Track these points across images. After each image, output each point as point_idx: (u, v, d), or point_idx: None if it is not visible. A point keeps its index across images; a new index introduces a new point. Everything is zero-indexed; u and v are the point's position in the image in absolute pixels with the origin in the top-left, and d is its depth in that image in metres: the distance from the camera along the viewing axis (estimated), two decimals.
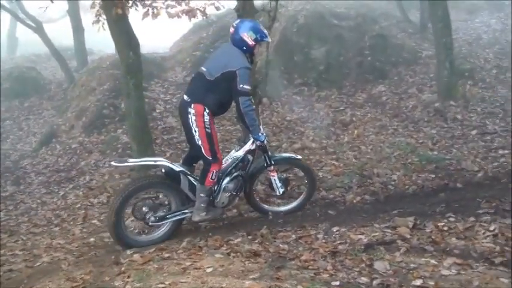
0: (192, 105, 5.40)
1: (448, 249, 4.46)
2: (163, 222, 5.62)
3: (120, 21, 7.72)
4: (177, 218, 5.68)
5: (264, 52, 8.79)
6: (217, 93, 5.43)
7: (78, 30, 16.46)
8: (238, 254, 4.65)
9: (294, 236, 5.19)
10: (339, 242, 4.80)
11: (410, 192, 7.16)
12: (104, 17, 8.53)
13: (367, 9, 15.39)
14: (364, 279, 3.89)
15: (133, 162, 5.86)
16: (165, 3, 8.23)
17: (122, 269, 4.52)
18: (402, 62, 13.23)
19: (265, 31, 5.67)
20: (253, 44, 5.55)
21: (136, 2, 8.17)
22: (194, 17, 8.38)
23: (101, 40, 17.27)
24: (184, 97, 5.56)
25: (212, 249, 4.85)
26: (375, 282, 3.83)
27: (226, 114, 6.79)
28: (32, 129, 13.35)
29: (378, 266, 4.12)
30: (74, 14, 16.44)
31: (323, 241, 4.92)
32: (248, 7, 7.84)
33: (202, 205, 5.59)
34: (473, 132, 9.44)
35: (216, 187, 5.75)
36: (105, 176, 9.03)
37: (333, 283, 3.83)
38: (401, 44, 13.90)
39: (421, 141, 9.27)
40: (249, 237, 5.28)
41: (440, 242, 4.64)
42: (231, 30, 5.59)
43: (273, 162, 6.05)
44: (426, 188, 7.18)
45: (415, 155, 8.42)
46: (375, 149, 8.92)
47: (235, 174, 5.88)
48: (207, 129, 5.40)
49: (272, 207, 6.51)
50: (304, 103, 11.26)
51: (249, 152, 5.91)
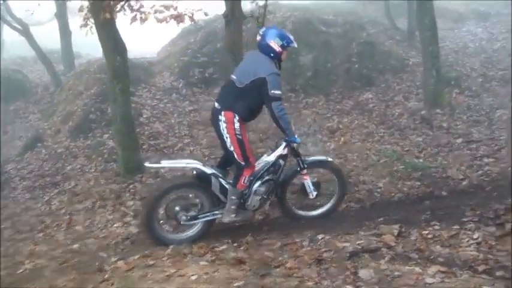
0: (222, 113, 5.57)
1: (432, 257, 4.47)
2: (194, 222, 5.82)
3: (107, 25, 7.71)
4: (208, 218, 5.87)
5: None
6: (247, 100, 5.57)
7: (65, 33, 16.43)
8: (223, 261, 4.65)
9: (279, 243, 5.19)
10: (324, 250, 4.79)
11: (396, 199, 7.17)
12: (92, 20, 8.52)
13: (355, 16, 15.50)
14: (348, 287, 3.90)
15: (166, 164, 6.16)
16: (153, 9, 8.20)
17: (106, 276, 4.51)
18: (389, 69, 13.31)
19: (291, 37, 5.79)
20: (281, 51, 5.65)
21: (125, 7, 8.15)
22: (182, 22, 8.36)
23: (88, 43, 17.21)
24: (215, 104, 5.73)
25: (197, 257, 4.84)
26: None
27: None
28: (18, 133, 13.21)
29: (363, 274, 4.11)
30: (61, 17, 16.37)
31: (308, 248, 4.92)
32: (237, 13, 7.85)
33: (233, 207, 5.76)
34: (459, 140, 9.50)
35: (247, 190, 5.88)
36: (90, 182, 8.95)
37: None
38: (388, 52, 13.98)
39: (407, 148, 9.31)
40: (234, 245, 5.29)
41: (425, 250, 4.64)
42: (258, 38, 5.71)
43: (306, 166, 6.16)
44: (411, 196, 7.21)
45: (401, 162, 8.46)
46: (361, 156, 8.93)
47: (266, 178, 5.98)
48: (238, 136, 5.55)
49: (305, 212, 6.59)
50: (291, 110, 11.25)
51: (281, 157, 6.03)
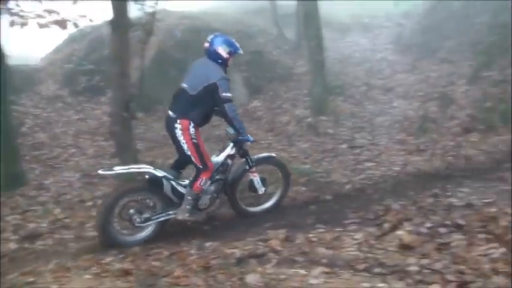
0: (178, 121, 5.84)
1: (316, 259, 4.59)
2: (148, 223, 5.96)
3: None
4: (161, 219, 6.03)
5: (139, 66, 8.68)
6: (201, 106, 5.87)
7: None
8: (109, 273, 4.54)
9: (167, 253, 5.17)
10: (212, 257, 4.81)
11: (283, 205, 7.30)
12: None
13: (244, 25, 15.68)
14: None
15: (119, 170, 5.98)
16: (35, 13, 7.92)
17: None
18: (277, 78, 13.58)
19: (237, 44, 6.14)
20: (228, 57, 6.00)
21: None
22: (65, 28, 8.14)
23: None
24: (170, 113, 5.98)
25: (81, 270, 4.69)
26: None
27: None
28: None
29: (250, 279, 4.15)
30: None
31: (196, 256, 4.92)
32: (123, 20, 7.74)
33: (188, 207, 6.01)
34: (343, 146, 9.85)
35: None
36: None
37: None
38: (276, 61, 14.27)
39: (294, 155, 9.53)
40: (121, 256, 5.21)
41: (310, 253, 4.77)
42: (206, 45, 6.00)
43: (254, 164, 6.58)
44: (298, 201, 7.36)
45: (288, 168, 8.62)
46: None
47: (216, 178, 6.30)
48: (194, 141, 5.86)
49: (255, 208, 6.94)
50: None
51: (229, 157, 6.42)
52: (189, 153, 5.90)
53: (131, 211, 5.88)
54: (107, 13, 8.39)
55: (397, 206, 6.31)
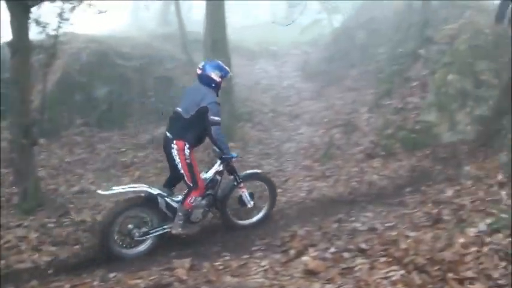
0: (174, 142, 6.35)
1: (222, 287, 4.56)
2: (146, 237, 6.44)
3: None
4: (158, 233, 6.51)
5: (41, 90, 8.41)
6: (195, 128, 6.39)
7: None
8: None
9: (67, 286, 4.98)
10: None
11: (189, 234, 7.23)
12: None
13: (153, 50, 15.53)
14: None
15: (117, 190, 6.42)
16: None
17: None
18: None
19: (227, 68, 6.81)
20: (220, 81, 6.65)
21: None
22: None
23: None
24: (167, 134, 6.54)
25: None
26: None
27: None
28: None
29: None
30: None
31: None
32: (24, 42, 7.50)
33: (180, 222, 6.48)
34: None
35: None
36: None
37: None
38: (185, 87, 14.14)
39: None
40: None
41: (216, 281, 4.73)
42: (198, 71, 6.57)
43: (241, 180, 7.06)
44: (204, 229, 7.30)
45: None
46: None
47: (206, 193, 6.79)
48: (187, 161, 6.34)
49: (244, 221, 7.38)
50: (84, 144, 10.92)
51: (217, 173, 6.94)
52: (182, 171, 6.38)
53: (130, 226, 6.35)
54: (8, 34, 8.09)
55: (302, 232, 6.41)
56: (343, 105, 13.23)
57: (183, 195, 6.58)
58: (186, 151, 6.33)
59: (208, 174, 6.91)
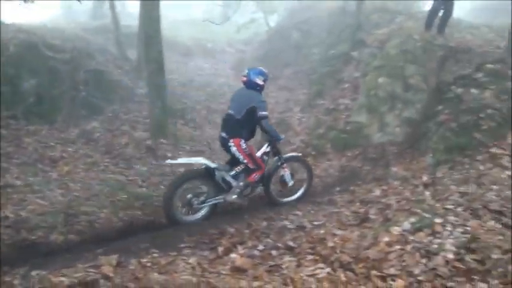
0: (230, 140, 7.34)
1: (149, 284, 4.49)
2: (203, 206, 7.39)
3: None
4: (214, 202, 7.43)
5: None
6: (246, 125, 7.36)
7: None
8: None
9: None
10: (38, 287, 4.53)
11: (117, 229, 7.10)
12: None
13: (84, 43, 15.19)
14: None
15: (182, 160, 7.81)
16: None
17: None
18: (117, 99, 13.21)
19: (267, 72, 7.85)
20: (263, 84, 7.68)
21: None
22: None
23: None
24: (223, 134, 7.55)
25: None
26: None
27: None
28: None
29: None
30: None
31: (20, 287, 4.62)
32: None
33: (238, 190, 7.44)
34: (181, 169, 9.79)
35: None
36: None
37: None
38: (117, 81, 13.91)
39: (131, 178, 9.29)
40: None
41: (143, 278, 4.65)
42: (243, 78, 7.56)
43: (284, 161, 8.09)
44: (132, 225, 7.20)
45: (124, 192, 8.41)
46: (84, 186, 8.61)
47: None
48: (246, 152, 7.35)
49: (285, 198, 8.25)
50: (10, 137, 10.51)
51: (265, 154, 7.92)
52: (245, 161, 7.38)
53: (189, 196, 7.28)
54: None
55: (231, 230, 6.40)
56: (277, 104, 13.33)
57: (249, 171, 7.51)
58: (243, 145, 7.31)
59: (257, 155, 7.71)
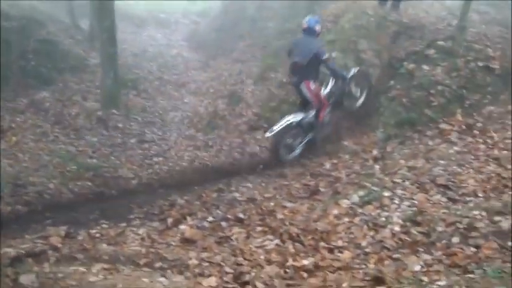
0: (302, 83, 8.36)
1: (97, 255, 4.47)
2: (299, 145, 8.78)
3: None
4: (306, 140, 8.81)
5: None
6: (312, 69, 8.31)
7: None
8: None
9: None
10: None
11: (66, 200, 7.03)
12: None
13: (34, 11, 14.75)
14: None
15: (278, 126, 8.28)
16: None
17: None
18: (69, 69, 12.89)
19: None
20: (320, 30, 8.58)
21: None
22: None
23: None
24: (294, 78, 8.51)
25: None
26: None
27: None
28: None
29: (24, 279, 3.89)
30: None
31: None
32: None
33: (319, 128, 8.79)
34: (132, 140, 9.74)
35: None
36: None
37: None
38: (68, 51, 13.56)
39: (81, 149, 9.16)
40: None
41: (91, 249, 4.63)
42: (304, 25, 8.39)
43: (349, 81, 8.93)
44: (82, 196, 7.14)
45: (74, 162, 8.32)
46: (33, 157, 8.46)
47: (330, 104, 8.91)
48: (314, 91, 8.41)
49: (354, 103, 9.31)
50: None
51: (331, 91, 8.93)
52: (311, 100, 8.49)
53: (289, 140, 8.60)
54: None
55: (181, 201, 6.42)
56: (230, 77, 13.26)
57: (315, 113, 8.63)
58: (312, 86, 8.34)
59: (326, 90, 8.87)
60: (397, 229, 4.84)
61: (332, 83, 8.90)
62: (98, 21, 11.76)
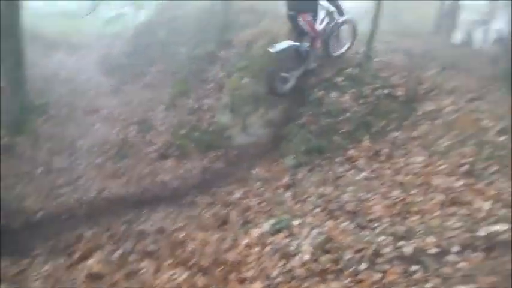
0: (299, 16, 8.96)
1: None
2: (293, 78, 9.38)
3: None
4: (300, 72, 9.47)
5: None
6: (310, 3, 9.07)
7: None
8: None
9: None
10: None
11: None
12: None
13: None
14: None
15: (281, 45, 8.94)
16: None
17: None
18: None
19: None
20: None
21: None
22: None
23: None
24: (291, 13, 9.12)
25: None
26: None
27: None
28: None
29: None
30: None
31: None
32: None
33: (312, 58, 9.51)
34: (40, 169, 9.41)
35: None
36: None
37: None
38: None
39: None
40: None
41: None
42: None
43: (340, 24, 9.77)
44: None
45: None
46: None
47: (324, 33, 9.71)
48: (310, 23, 9.04)
49: (336, 52, 10.10)
50: None
51: (325, 26, 9.67)
52: (308, 30, 9.09)
53: (283, 74, 9.21)
54: None
55: (89, 234, 6.27)
56: (141, 103, 13.11)
57: (311, 43, 9.33)
58: (309, 17, 8.97)
59: (320, 27, 9.44)
60: (307, 257, 4.93)
61: (326, 21, 9.69)
62: (2, 45, 11.30)
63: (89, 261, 5.27)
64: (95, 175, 9.35)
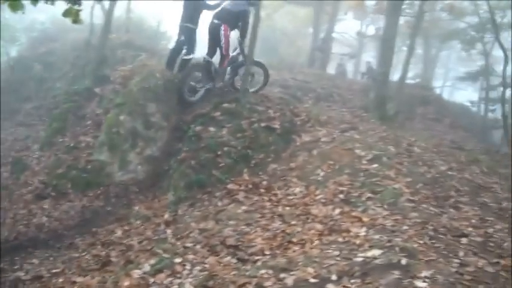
0: (221, 26, 9.92)
1: None
2: (201, 89, 10.45)
3: None
4: (207, 87, 10.44)
5: None
6: (236, 20, 10.06)
7: None
8: None
9: None
10: None
11: None
12: None
13: None
14: None
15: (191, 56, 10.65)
16: None
17: None
18: None
19: None
20: None
21: None
22: None
23: None
24: (215, 21, 10.01)
25: None
26: None
27: None
28: None
29: None
30: None
31: None
32: None
33: (221, 74, 10.56)
34: None
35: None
36: None
37: None
38: None
39: None
40: None
41: None
42: None
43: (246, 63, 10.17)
44: None
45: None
46: None
47: (232, 65, 10.72)
48: (227, 38, 10.00)
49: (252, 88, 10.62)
50: None
51: (237, 54, 10.60)
52: (223, 44, 9.98)
53: (192, 83, 10.27)
54: None
55: None
56: (14, 142, 12.60)
57: (220, 61, 10.33)
58: (229, 32, 9.89)
59: (233, 53, 10.46)
60: None
61: (236, 51, 10.61)
62: None
63: None
64: None
